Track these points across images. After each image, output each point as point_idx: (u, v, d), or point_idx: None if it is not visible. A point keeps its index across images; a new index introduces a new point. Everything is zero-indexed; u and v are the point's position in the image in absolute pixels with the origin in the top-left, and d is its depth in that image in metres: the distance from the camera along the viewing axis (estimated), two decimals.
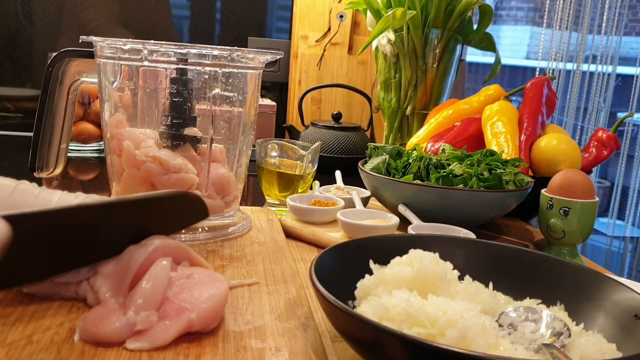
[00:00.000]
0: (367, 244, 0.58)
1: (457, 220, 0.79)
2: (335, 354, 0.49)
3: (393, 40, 1.21)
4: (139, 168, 0.67)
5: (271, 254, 0.67)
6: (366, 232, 0.75)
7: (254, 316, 0.51)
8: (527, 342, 0.47)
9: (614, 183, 2.77)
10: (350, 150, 1.28)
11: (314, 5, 1.53)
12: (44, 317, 0.48)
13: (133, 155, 0.67)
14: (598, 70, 2.57)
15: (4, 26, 1.54)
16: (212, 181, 0.72)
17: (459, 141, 1.01)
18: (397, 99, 1.26)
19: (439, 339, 0.43)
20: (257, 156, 0.95)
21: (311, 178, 0.98)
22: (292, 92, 1.56)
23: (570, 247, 0.82)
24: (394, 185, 0.84)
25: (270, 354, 0.45)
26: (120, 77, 0.70)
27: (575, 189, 0.79)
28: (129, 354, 0.43)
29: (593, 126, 2.60)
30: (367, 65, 1.54)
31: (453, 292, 0.52)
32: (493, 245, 0.61)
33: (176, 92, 0.69)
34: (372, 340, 0.42)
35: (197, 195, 0.58)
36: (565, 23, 2.46)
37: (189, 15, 1.67)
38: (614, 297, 0.51)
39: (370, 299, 0.50)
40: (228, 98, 0.71)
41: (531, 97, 1.06)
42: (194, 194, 0.58)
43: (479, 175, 0.82)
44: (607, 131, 1.05)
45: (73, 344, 0.44)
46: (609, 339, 0.48)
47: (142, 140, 0.68)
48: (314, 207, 0.84)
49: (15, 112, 1.59)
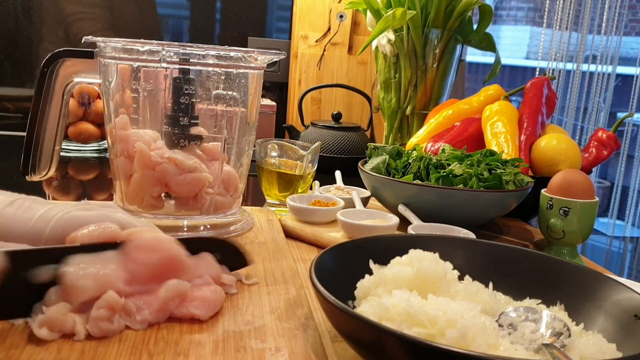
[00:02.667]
0: (367, 244, 0.58)
1: (457, 220, 0.79)
2: (335, 354, 0.49)
3: (393, 40, 1.21)
4: (154, 169, 0.68)
5: (271, 254, 0.67)
6: (366, 232, 0.75)
7: (254, 316, 0.51)
8: (527, 342, 0.47)
9: (614, 183, 2.77)
10: (350, 150, 1.28)
11: (314, 5, 1.53)
12: None
13: (148, 156, 0.67)
14: (598, 70, 2.57)
15: (4, 26, 1.54)
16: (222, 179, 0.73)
17: (459, 141, 1.01)
18: (397, 99, 1.26)
19: (439, 339, 0.43)
20: (257, 156, 0.95)
21: (311, 178, 0.98)
22: (292, 92, 1.56)
23: (570, 247, 0.82)
24: (394, 185, 0.84)
25: (270, 354, 0.45)
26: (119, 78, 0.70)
27: (575, 189, 0.79)
28: (129, 354, 0.43)
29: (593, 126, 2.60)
30: (367, 65, 1.54)
31: (453, 292, 0.52)
32: (493, 245, 0.61)
33: (180, 92, 0.69)
34: (372, 340, 0.42)
35: (237, 244, 0.59)
36: (565, 23, 2.46)
37: (189, 15, 1.67)
38: (614, 297, 0.51)
39: (370, 299, 0.50)
40: (232, 98, 0.71)
41: (531, 97, 1.06)
42: (234, 243, 0.59)
43: (479, 175, 0.82)
44: (607, 131, 1.05)
45: (73, 343, 0.44)
46: (609, 339, 0.48)
47: (152, 142, 0.69)
48: (314, 207, 0.84)
49: (15, 112, 1.59)
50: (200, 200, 0.71)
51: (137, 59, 0.68)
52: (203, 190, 0.70)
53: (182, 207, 0.71)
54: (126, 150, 0.70)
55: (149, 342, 0.45)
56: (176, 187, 0.68)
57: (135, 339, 0.46)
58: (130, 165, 0.70)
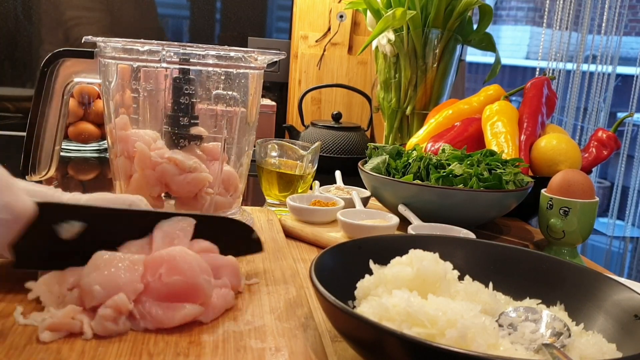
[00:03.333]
0: (367, 244, 0.58)
1: (457, 220, 0.79)
2: (335, 354, 0.49)
3: (393, 40, 1.21)
4: (154, 169, 0.68)
5: (271, 254, 0.67)
6: (366, 232, 0.75)
7: (254, 316, 0.51)
8: (527, 342, 0.47)
9: (614, 183, 2.77)
10: (350, 150, 1.28)
11: (314, 5, 1.53)
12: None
13: (148, 156, 0.68)
14: (598, 70, 2.57)
15: (4, 26, 1.54)
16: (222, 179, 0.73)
17: (459, 141, 1.01)
18: (397, 99, 1.26)
19: (439, 339, 0.43)
20: (257, 156, 0.95)
21: (311, 178, 0.98)
22: (292, 92, 1.56)
23: (570, 247, 0.82)
24: (394, 185, 0.84)
25: (270, 354, 0.45)
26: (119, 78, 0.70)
27: (575, 189, 0.79)
28: (129, 354, 0.43)
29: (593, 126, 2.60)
30: (367, 65, 1.54)
31: (453, 292, 0.52)
32: (493, 245, 0.61)
33: (180, 92, 0.69)
34: (372, 340, 0.42)
35: (250, 228, 0.59)
36: (565, 23, 2.46)
37: (189, 15, 1.67)
38: (614, 297, 0.51)
39: (370, 299, 0.50)
40: (232, 98, 0.71)
41: (531, 97, 1.06)
42: (248, 226, 0.59)
43: (479, 175, 0.82)
44: (607, 131, 1.05)
45: (73, 343, 0.44)
46: (609, 339, 0.48)
47: (152, 142, 0.69)
48: (314, 207, 0.84)
49: (15, 112, 1.59)
50: (200, 200, 0.71)
51: (137, 59, 0.68)
52: (203, 190, 0.70)
53: (182, 207, 0.71)
54: (126, 151, 0.70)
55: (149, 342, 0.45)
56: (176, 187, 0.68)
57: (135, 339, 0.46)
58: (130, 166, 0.70)
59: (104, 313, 0.46)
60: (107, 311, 0.46)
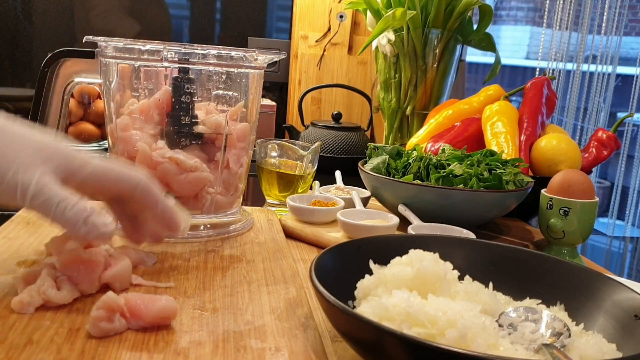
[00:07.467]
0: (367, 244, 0.58)
1: (457, 220, 0.79)
2: (335, 354, 0.49)
3: (393, 40, 1.21)
4: (155, 168, 0.68)
5: (271, 254, 0.68)
6: (366, 232, 0.75)
7: (254, 316, 0.51)
8: (527, 342, 0.47)
9: (614, 183, 2.77)
10: (350, 150, 1.28)
11: (314, 5, 1.53)
12: (44, 317, 0.48)
13: (149, 156, 0.68)
14: (598, 70, 2.57)
15: (4, 26, 1.54)
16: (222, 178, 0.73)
17: (459, 141, 1.01)
18: (397, 99, 1.26)
19: (439, 339, 0.43)
20: (257, 156, 0.95)
21: (311, 178, 0.98)
22: (292, 92, 1.56)
23: (570, 247, 0.82)
24: (394, 185, 0.84)
25: (270, 354, 0.45)
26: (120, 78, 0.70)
27: (575, 189, 0.79)
28: (129, 353, 0.43)
29: (593, 126, 2.60)
30: (367, 65, 1.54)
31: (453, 292, 0.52)
32: (493, 245, 0.61)
33: (181, 92, 0.69)
34: (372, 340, 0.42)
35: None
36: (565, 23, 2.46)
37: (189, 15, 1.67)
38: (614, 297, 0.51)
39: (370, 299, 0.50)
40: (232, 98, 0.72)
41: (531, 97, 1.06)
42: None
43: (479, 175, 0.82)
44: (607, 131, 1.05)
45: (73, 343, 0.44)
46: (609, 339, 0.48)
47: (153, 142, 0.69)
48: (314, 207, 0.84)
49: (15, 112, 1.59)
50: (201, 199, 0.71)
51: (138, 59, 0.68)
52: (204, 189, 0.71)
53: (182, 206, 0.71)
54: (127, 151, 0.70)
55: (149, 342, 0.45)
56: (177, 186, 0.69)
57: (135, 339, 0.46)
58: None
59: (96, 315, 0.46)
60: (99, 312, 0.46)
